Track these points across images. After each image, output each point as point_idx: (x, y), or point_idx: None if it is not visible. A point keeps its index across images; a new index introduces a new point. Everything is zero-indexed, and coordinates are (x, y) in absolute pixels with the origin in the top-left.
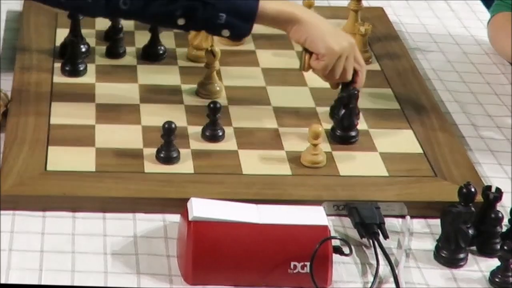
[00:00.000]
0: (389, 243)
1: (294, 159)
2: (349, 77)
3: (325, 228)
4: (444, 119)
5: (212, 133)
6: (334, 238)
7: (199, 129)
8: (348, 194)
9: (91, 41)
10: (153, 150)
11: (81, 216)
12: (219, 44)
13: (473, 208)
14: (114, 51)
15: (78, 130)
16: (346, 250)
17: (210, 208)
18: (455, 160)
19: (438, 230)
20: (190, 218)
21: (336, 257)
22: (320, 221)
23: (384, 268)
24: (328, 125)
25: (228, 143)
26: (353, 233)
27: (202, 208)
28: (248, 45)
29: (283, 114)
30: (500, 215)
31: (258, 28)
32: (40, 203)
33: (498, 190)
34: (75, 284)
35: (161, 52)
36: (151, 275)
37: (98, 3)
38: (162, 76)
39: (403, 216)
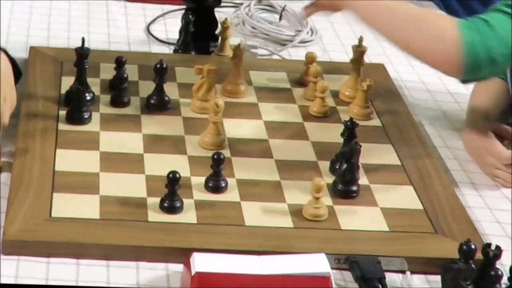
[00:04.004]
0: None
1: (296, 211)
2: None
3: (327, 279)
4: (443, 176)
5: (215, 184)
6: None
7: (202, 179)
8: (349, 248)
9: (96, 90)
10: (157, 199)
11: (85, 263)
12: (222, 97)
13: (473, 265)
14: (118, 100)
15: (83, 178)
16: None
17: (213, 262)
18: (455, 217)
19: (438, 286)
20: (193, 273)
21: None
22: (322, 269)
23: None
24: (329, 179)
25: (231, 194)
26: (354, 287)
27: (204, 262)
28: (250, 97)
29: (285, 166)
30: (499, 272)
31: (260, 81)
32: (44, 249)
33: (498, 248)
34: None
35: (165, 102)
36: None
37: None
38: (166, 126)
39: (403, 272)
